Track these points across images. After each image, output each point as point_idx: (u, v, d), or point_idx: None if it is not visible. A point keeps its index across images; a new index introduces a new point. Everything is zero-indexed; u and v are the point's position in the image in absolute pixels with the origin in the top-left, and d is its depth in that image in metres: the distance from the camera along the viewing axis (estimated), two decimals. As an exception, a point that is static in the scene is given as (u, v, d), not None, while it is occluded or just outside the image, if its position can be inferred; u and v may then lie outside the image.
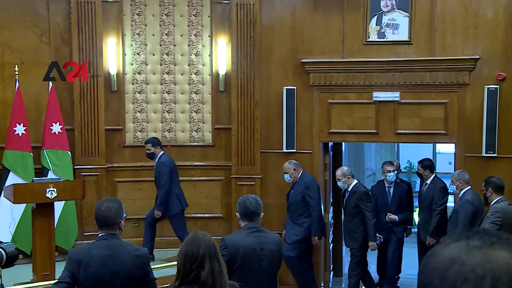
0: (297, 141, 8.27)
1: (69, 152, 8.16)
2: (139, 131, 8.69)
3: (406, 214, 8.23)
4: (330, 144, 8.65)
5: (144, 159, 8.61)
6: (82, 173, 8.30)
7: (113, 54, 8.46)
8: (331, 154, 8.78)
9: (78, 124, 8.35)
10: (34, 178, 7.20)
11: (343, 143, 9.36)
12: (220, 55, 8.58)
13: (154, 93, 8.70)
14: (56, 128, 8.00)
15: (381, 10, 7.94)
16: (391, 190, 8.19)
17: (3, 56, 8.20)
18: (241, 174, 8.43)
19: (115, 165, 8.62)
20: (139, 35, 8.59)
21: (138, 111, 8.68)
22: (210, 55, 8.68)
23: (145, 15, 8.59)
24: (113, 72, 8.48)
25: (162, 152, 8.10)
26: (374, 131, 8.09)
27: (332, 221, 8.84)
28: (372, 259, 8.47)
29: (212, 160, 8.72)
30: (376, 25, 7.96)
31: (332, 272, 8.98)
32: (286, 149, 8.27)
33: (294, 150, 8.28)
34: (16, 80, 7.89)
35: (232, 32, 8.41)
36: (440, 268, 1.25)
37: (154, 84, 8.70)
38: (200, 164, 8.69)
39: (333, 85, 8.14)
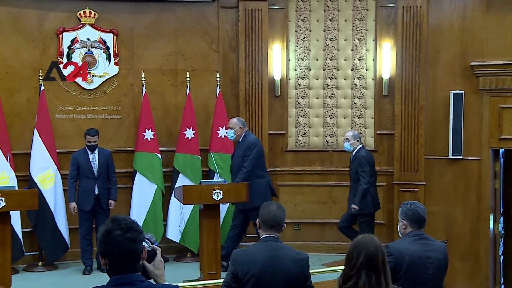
0: (464, 147, 7.97)
1: (233, 155, 8.42)
2: (301, 135, 8.77)
3: None
4: (501, 150, 8.19)
5: (305, 164, 8.69)
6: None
7: (278, 60, 8.62)
8: (501, 162, 8.31)
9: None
10: (201, 180, 7.49)
11: (516, 150, 8.82)
12: (384, 59, 8.44)
13: (316, 98, 8.74)
14: (223, 132, 8.28)
15: None
16: None
17: (176, 63, 8.63)
18: (404, 181, 8.27)
19: (277, 169, 8.75)
20: (303, 41, 8.69)
21: (301, 116, 8.77)
22: (374, 60, 8.57)
23: (309, 20, 8.66)
24: (277, 77, 8.63)
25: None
26: (552, 137, 7.55)
27: (502, 232, 8.34)
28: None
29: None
30: (558, 23, 7.41)
31: (503, 286, 8.46)
32: (453, 155, 7.99)
33: (461, 157, 7.97)
34: (187, 86, 8.31)
35: (397, 36, 8.25)
36: None
37: (316, 89, 8.74)
38: (362, 169, 8.56)
39: (505, 89, 7.75)
